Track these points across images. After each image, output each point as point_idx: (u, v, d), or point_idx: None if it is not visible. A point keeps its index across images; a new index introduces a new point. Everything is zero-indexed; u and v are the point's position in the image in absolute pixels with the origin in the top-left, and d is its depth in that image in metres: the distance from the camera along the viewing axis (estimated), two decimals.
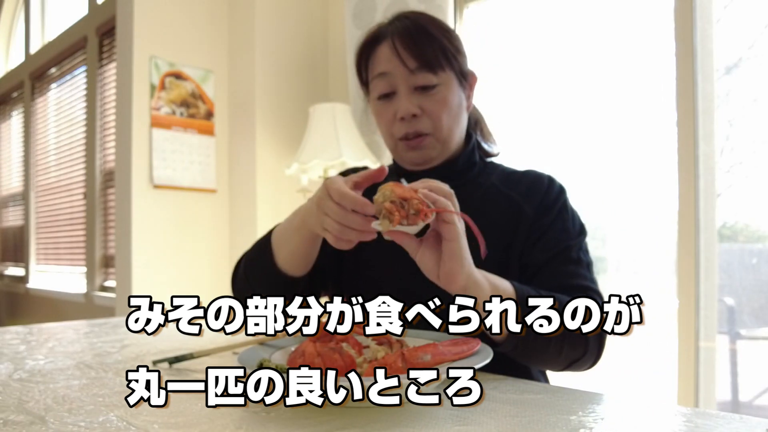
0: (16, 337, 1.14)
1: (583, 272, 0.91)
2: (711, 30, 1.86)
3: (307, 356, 0.67)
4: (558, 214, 0.96)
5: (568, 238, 0.93)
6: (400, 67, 0.93)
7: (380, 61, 0.96)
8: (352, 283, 1.03)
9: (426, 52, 0.93)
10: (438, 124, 0.96)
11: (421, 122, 0.95)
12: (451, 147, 1.00)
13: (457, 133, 1.00)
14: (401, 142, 0.98)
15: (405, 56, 0.93)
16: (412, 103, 0.94)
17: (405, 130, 0.96)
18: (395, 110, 0.96)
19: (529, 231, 0.94)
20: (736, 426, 0.56)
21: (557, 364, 0.86)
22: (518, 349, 0.79)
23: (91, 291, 3.55)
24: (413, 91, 0.95)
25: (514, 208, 0.97)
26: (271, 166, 2.80)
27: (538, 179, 1.00)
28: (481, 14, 2.53)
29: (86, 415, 0.61)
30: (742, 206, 1.93)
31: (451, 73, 0.96)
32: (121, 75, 2.78)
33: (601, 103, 2.29)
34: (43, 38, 4.68)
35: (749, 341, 1.97)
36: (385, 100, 0.97)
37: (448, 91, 0.96)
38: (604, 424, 0.57)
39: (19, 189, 4.88)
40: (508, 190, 0.99)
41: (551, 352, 0.81)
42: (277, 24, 2.86)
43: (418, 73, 0.93)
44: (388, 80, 0.95)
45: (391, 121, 0.98)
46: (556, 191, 0.98)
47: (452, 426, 0.57)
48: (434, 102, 0.95)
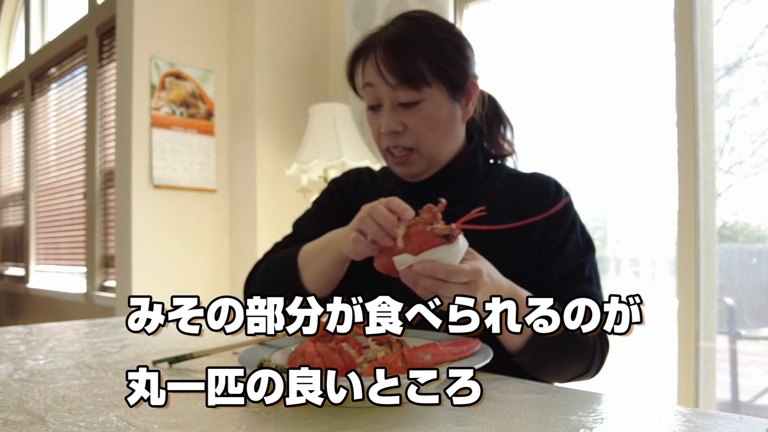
0: (16, 337, 1.14)
1: (596, 291, 0.92)
2: (711, 30, 1.86)
3: (307, 356, 0.67)
4: (570, 228, 0.95)
5: (581, 255, 0.93)
6: (382, 82, 0.92)
7: (368, 71, 0.95)
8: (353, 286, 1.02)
9: (407, 69, 0.90)
10: (422, 140, 0.93)
11: (403, 138, 0.93)
12: (441, 160, 0.97)
13: (448, 145, 0.97)
14: (389, 155, 0.97)
15: (385, 72, 0.91)
16: (394, 120, 0.92)
17: (388, 144, 0.95)
18: (380, 124, 0.95)
19: (540, 244, 0.93)
20: (736, 426, 0.56)
21: (562, 377, 0.88)
22: (538, 357, 0.79)
23: (91, 291, 3.55)
24: (396, 107, 0.92)
25: (522, 216, 0.94)
26: (271, 166, 2.80)
27: (545, 185, 0.99)
28: (481, 15, 2.53)
29: (86, 415, 0.61)
30: (742, 206, 1.93)
31: (439, 87, 0.91)
32: (121, 75, 2.78)
33: (601, 103, 2.29)
34: (43, 38, 4.68)
35: (749, 341, 1.97)
36: (373, 111, 0.97)
37: (433, 107, 0.92)
38: (604, 424, 0.57)
39: (19, 189, 4.88)
40: (516, 197, 0.98)
41: (561, 365, 0.83)
42: (277, 24, 2.86)
43: (399, 89, 0.90)
44: (374, 92, 0.94)
45: (377, 133, 0.97)
46: (564, 200, 0.97)
47: (452, 426, 0.57)
48: (417, 119, 0.92)
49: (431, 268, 0.68)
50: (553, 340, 0.77)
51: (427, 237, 0.68)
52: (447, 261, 0.68)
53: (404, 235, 0.71)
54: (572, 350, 0.83)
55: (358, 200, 1.06)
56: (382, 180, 1.09)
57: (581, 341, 0.84)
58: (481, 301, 0.65)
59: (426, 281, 0.68)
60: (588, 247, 0.95)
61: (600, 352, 0.87)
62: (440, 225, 0.69)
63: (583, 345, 0.84)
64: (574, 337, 0.80)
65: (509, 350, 0.82)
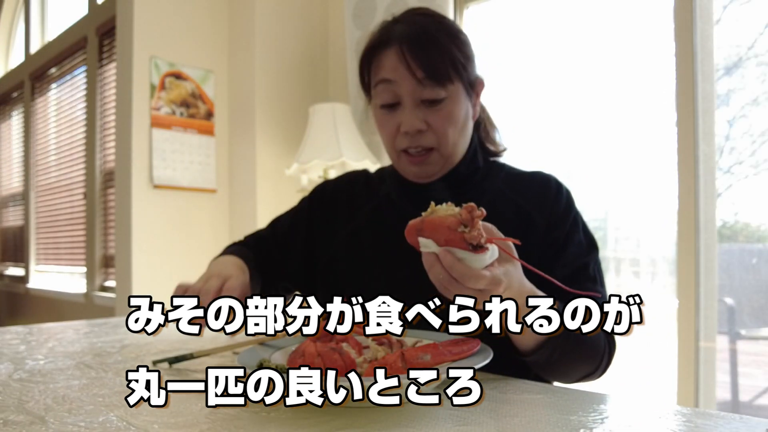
0: (16, 337, 1.14)
1: (601, 290, 0.91)
2: (711, 30, 1.86)
3: (307, 356, 0.67)
4: (572, 227, 0.93)
5: (584, 254, 0.92)
6: (408, 77, 0.88)
7: (385, 67, 0.91)
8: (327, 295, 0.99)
9: (435, 63, 0.87)
10: (443, 139, 0.91)
11: (425, 137, 0.91)
12: (455, 160, 0.96)
13: (462, 145, 0.95)
14: (404, 155, 0.94)
15: (414, 66, 0.87)
16: (418, 117, 0.89)
17: (408, 144, 0.92)
18: (399, 122, 0.91)
19: (542, 244, 0.91)
20: (736, 426, 0.56)
21: (571, 378, 0.87)
22: (551, 358, 0.78)
23: (91, 291, 3.55)
24: (419, 105, 0.90)
25: (523, 217, 0.94)
26: (271, 166, 2.80)
27: (545, 183, 0.97)
28: (481, 15, 2.53)
29: (86, 415, 0.61)
30: (742, 206, 1.93)
31: (459, 85, 0.90)
32: (121, 75, 2.78)
33: (601, 103, 2.29)
34: (43, 38, 4.68)
35: (749, 341, 1.98)
36: (389, 110, 0.92)
37: (454, 105, 0.90)
38: (605, 424, 0.57)
39: (19, 189, 4.88)
40: (516, 196, 0.96)
41: (573, 365, 0.83)
42: (277, 24, 2.86)
43: (426, 85, 0.88)
44: (392, 89, 0.90)
45: (393, 133, 0.93)
46: (565, 198, 0.96)
47: (452, 426, 0.57)
48: (440, 117, 0.90)
49: (450, 264, 0.64)
50: (568, 341, 0.77)
51: (455, 237, 0.64)
52: (470, 263, 0.64)
53: (432, 225, 0.66)
54: (585, 351, 0.82)
55: (351, 205, 1.06)
56: (378, 183, 1.06)
57: (594, 342, 0.83)
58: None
59: (439, 272, 0.65)
60: (591, 245, 0.94)
61: (608, 353, 0.86)
62: (475, 231, 0.64)
63: (596, 346, 0.83)
64: (588, 338, 0.80)
65: (521, 350, 0.80)
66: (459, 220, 0.64)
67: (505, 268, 0.69)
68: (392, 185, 1.02)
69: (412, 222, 0.69)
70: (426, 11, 0.95)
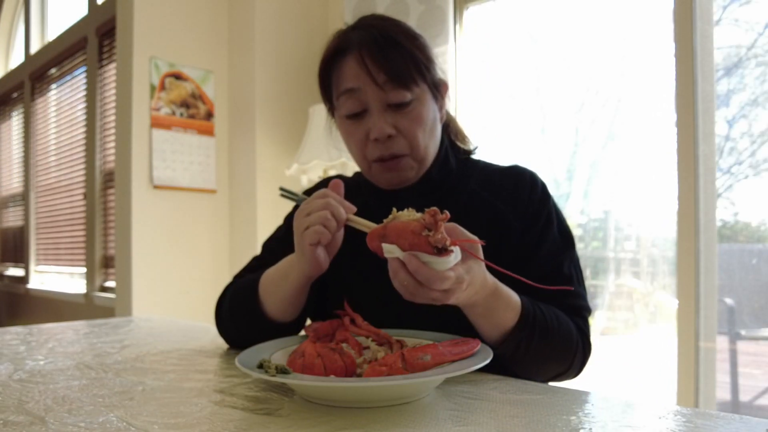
0: (15, 338, 1.14)
1: (577, 289, 0.90)
2: (711, 30, 1.86)
3: (307, 356, 0.67)
4: (546, 224, 0.92)
5: (559, 251, 0.90)
6: (371, 82, 0.86)
7: (347, 75, 0.88)
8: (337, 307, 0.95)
9: (398, 66, 0.85)
10: (414, 143, 0.89)
11: (396, 143, 0.89)
12: (428, 164, 0.94)
13: (433, 147, 0.93)
14: (376, 164, 0.91)
15: (375, 70, 0.85)
16: (387, 122, 0.87)
17: (380, 152, 0.89)
18: (367, 130, 0.89)
19: (518, 245, 0.90)
20: (736, 426, 0.56)
21: (542, 375, 0.85)
22: (516, 353, 0.78)
23: (91, 291, 3.55)
24: (386, 109, 0.87)
25: (499, 219, 0.92)
26: (271, 166, 2.80)
27: (520, 179, 0.95)
28: (481, 15, 2.53)
29: (86, 416, 0.61)
30: (742, 206, 1.93)
31: (425, 86, 0.89)
32: (121, 75, 2.78)
33: (601, 103, 2.29)
34: (43, 39, 4.68)
35: (749, 341, 1.98)
36: (355, 119, 0.90)
37: (422, 107, 0.89)
38: (604, 424, 0.57)
39: (19, 189, 4.88)
40: (491, 197, 0.94)
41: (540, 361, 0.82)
42: (277, 24, 2.86)
43: (390, 88, 0.86)
44: (357, 97, 0.88)
45: (363, 142, 0.90)
46: (540, 193, 0.94)
47: (452, 426, 0.57)
48: (409, 120, 0.88)
49: (415, 268, 0.64)
50: (533, 335, 0.78)
51: (419, 241, 0.64)
52: (435, 266, 0.64)
53: (396, 230, 0.66)
54: (553, 347, 0.82)
55: None
56: (355, 190, 1.00)
57: (563, 339, 0.82)
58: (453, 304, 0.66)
59: (404, 278, 0.65)
60: (566, 242, 0.92)
61: (581, 352, 0.86)
62: (439, 234, 0.64)
63: (566, 343, 0.83)
64: (555, 334, 0.81)
65: (488, 344, 0.79)
66: (423, 224, 0.65)
67: (467, 265, 0.69)
68: (369, 192, 0.99)
69: (374, 228, 0.70)
70: (382, 16, 0.93)
